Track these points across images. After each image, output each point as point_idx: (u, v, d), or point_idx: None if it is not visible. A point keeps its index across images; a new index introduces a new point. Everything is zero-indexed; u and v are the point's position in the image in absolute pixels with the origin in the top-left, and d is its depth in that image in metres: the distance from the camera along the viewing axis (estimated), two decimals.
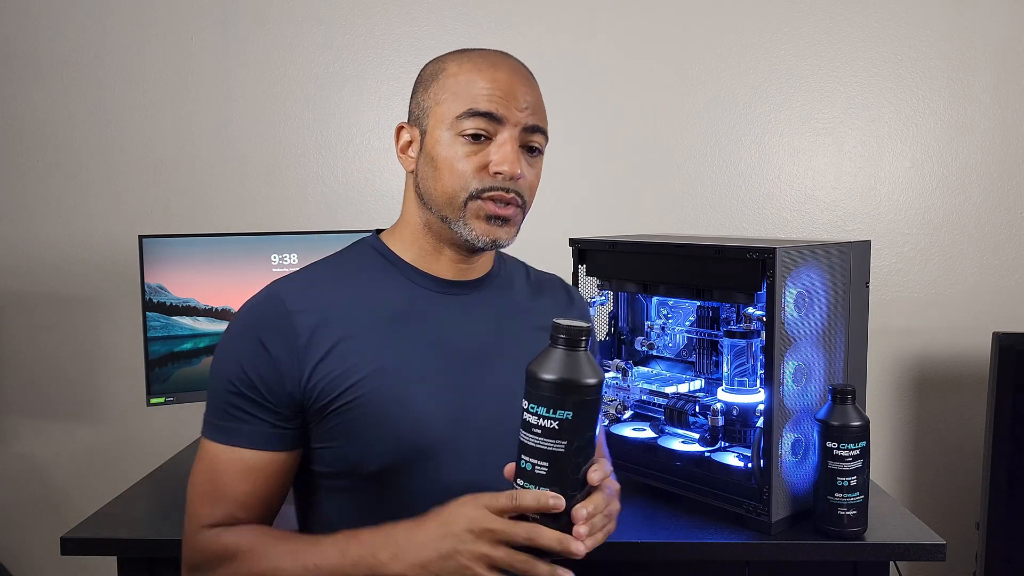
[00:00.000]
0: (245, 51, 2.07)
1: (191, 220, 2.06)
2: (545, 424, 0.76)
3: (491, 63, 0.96)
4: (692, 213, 2.08)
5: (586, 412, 0.76)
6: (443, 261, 1.00)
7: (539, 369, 0.77)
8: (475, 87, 0.94)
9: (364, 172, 2.10)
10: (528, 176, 0.97)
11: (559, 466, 0.76)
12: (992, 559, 1.76)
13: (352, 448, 0.93)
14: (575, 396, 0.76)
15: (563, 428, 0.76)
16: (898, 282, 2.07)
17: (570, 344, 0.77)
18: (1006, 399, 1.73)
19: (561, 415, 0.75)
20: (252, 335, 0.93)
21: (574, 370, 0.76)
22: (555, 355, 0.77)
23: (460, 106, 0.94)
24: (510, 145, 0.94)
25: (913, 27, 2.01)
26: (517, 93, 0.94)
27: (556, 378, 0.76)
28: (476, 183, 0.94)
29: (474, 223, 0.95)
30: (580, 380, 0.76)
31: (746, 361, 1.42)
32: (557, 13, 2.04)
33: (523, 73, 0.98)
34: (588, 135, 2.07)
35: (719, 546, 1.32)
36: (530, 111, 0.95)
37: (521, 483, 0.78)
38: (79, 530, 1.36)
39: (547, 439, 0.76)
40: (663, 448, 1.49)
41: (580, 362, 0.77)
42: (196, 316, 1.76)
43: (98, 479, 2.06)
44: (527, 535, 0.77)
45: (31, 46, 2.06)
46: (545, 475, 0.76)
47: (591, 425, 0.77)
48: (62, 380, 2.11)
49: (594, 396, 0.77)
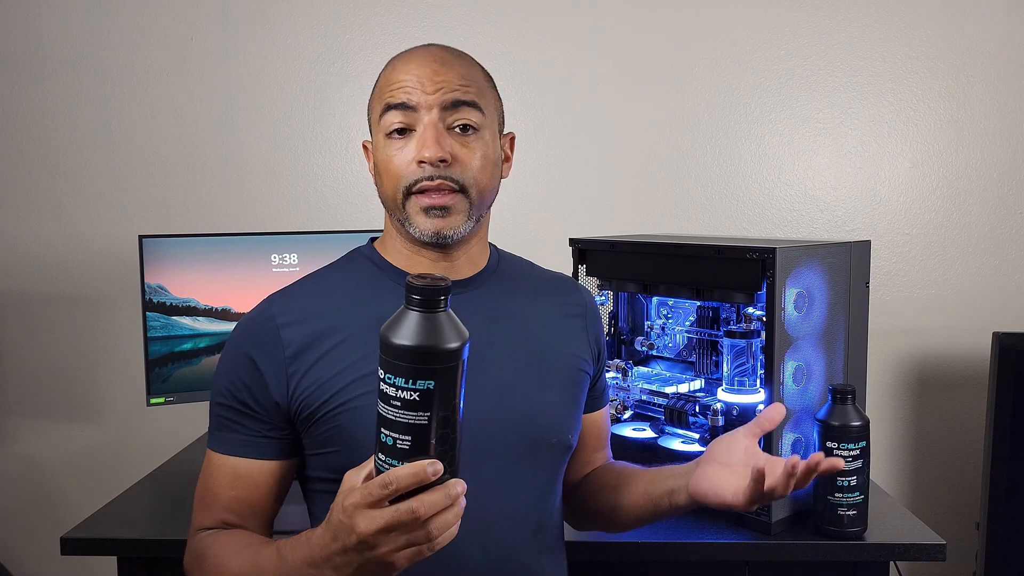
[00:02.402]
0: (245, 51, 2.07)
1: (191, 220, 2.06)
2: (404, 396, 0.68)
3: (407, 57, 0.96)
4: (692, 213, 2.08)
5: (449, 379, 0.69)
6: (423, 263, 1.00)
7: (392, 334, 0.68)
8: (389, 83, 0.95)
9: (364, 172, 2.09)
10: (464, 158, 0.93)
11: (423, 438, 0.69)
12: (992, 559, 1.76)
13: (341, 454, 0.93)
14: (435, 364, 0.68)
15: (424, 399, 0.68)
16: (898, 282, 2.07)
17: (426, 305, 0.68)
18: (1006, 399, 1.73)
19: (421, 385, 0.68)
20: (242, 350, 0.96)
21: (433, 335, 0.68)
22: (410, 318, 0.68)
23: (379, 106, 0.96)
24: (429, 130, 0.92)
25: (913, 27, 2.01)
26: (428, 76, 0.93)
27: (412, 345, 0.67)
28: (407, 178, 0.94)
29: (416, 220, 0.94)
30: (440, 346, 0.67)
31: (746, 361, 1.42)
32: (557, 13, 2.04)
33: (440, 56, 0.95)
34: (588, 135, 2.07)
35: (719, 546, 1.32)
36: (447, 89, 0.93)
37: (383, 457, 0.71)
38: (79, 530, 1.36)
39: (407, 411, 0.68)
40: (663, 448, 1.49)
41: (439, 325, 0.68)
42: (196, 316, 1.76)
43: (98, 479, 2.06)
44: (383, 491, 0.70)
45: (31, 46, 2.06)
46: (408, 449, 0.69)
47: (456, 391, 0.70)
48: (62, 380, 2.11)
49: (456, 361, 0.69)
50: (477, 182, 0.95)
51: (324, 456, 0.95)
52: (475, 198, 0.95)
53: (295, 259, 1.83)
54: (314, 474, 0.97)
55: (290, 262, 1.82)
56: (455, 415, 0.71)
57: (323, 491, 0.97)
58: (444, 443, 0.70)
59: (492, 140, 0.98)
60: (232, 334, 0.99)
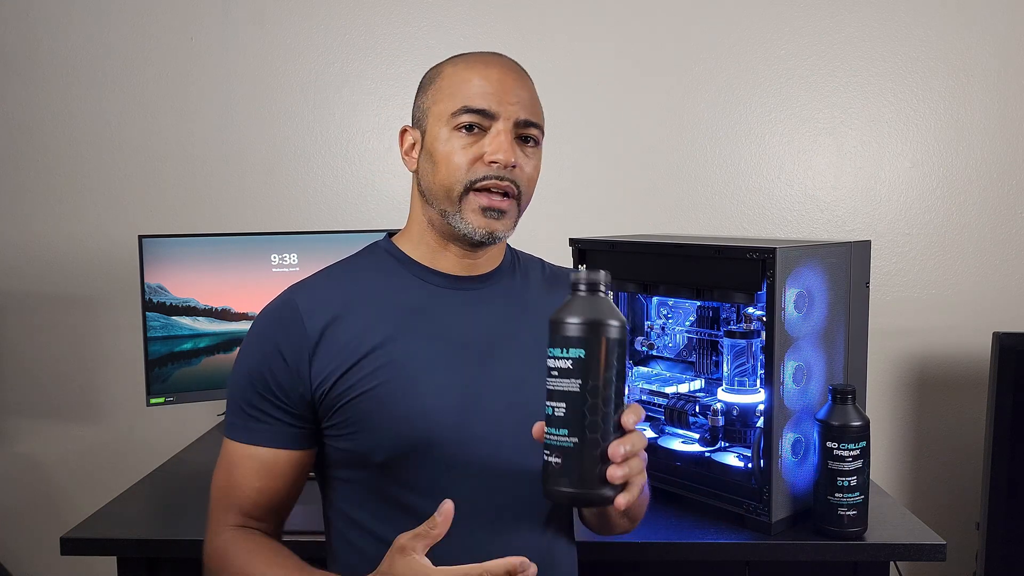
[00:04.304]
0: (245, 51, 2.07)
1: (191, 220, 2.06)
2: (560, 365, 0.78)
3: (484, 62, 1.01)
4: (692, 213, 2.08)
5: (599, 351, 0.77)
6: (449, 257, 1.03)
7: (555, 314, 0.80)
8: (468, 85, 0.98)
9: (364, 172, 2.10)
10: (525, 167, 0.99)
11: (574, 406, 0.77)
12: (992, 559, 1.76)
13: (361, 439, 0.96)
14: (586, 335, 0.77)
15: (576, 367, 0.77)
16: (898, 282, 2.07)
17: (586, 288, 0.80)
18: (1006, 399, 1.73)
19: (573, 353, 0.77)
20: (267, 339, 0.98)
21: (585, 311, 0.78)
22: (570, 301, 0.80)
23: (455, 103, 0.98)
24: (504, 136, 0.97)
25: (913, 27, 2.01)
26: (509, 89, 0.98)
27: (566, 318, 0.78)
28: (471, 174, 0.97)
29: (470, 217, 0.98)
30: (589, 318, 0.78)
31: (746, 361, 1.42)
32: (558, 14, 2.04)
33: (515, 71, 1.02)
34: (588, 135, 2.07)
35: (719, 546, 1.32)
36: (521, 105, 0.99)
37: (547, 430, 0.79)
38: (79, 530, 1.36)
39: (562, 379, 0.78)
40: (663, 448, 1.49)
41: (593, 304, 0.79)
42: (196, 316, 1.76)
43: (98, 479, 2.06)
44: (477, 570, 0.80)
45: (31, 46, 2.06)
46: (563, 416, 0.77)
47: (608, 367, 0.78)
48: (62, 380, 2.11)
49: (605, 335, 0.78)
50: (528, 190, 1.01)
51: (342, 442, 0.97)
52: (523, 205, 1.02)
53: (295, 259, 1.83)
54: (334, 461, 1.00)
55: (290, 262, 1.82)
56: (607, 389, 0.78)
57: (342, 479, 1.00)
58: (595, 413, 0.77)
59: (541, 154, 1.04)
60: (254, 325, 1.01)
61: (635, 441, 0.79)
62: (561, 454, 0.77)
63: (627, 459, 0.78)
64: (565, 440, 0.77)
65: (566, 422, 0.77)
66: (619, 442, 0.78)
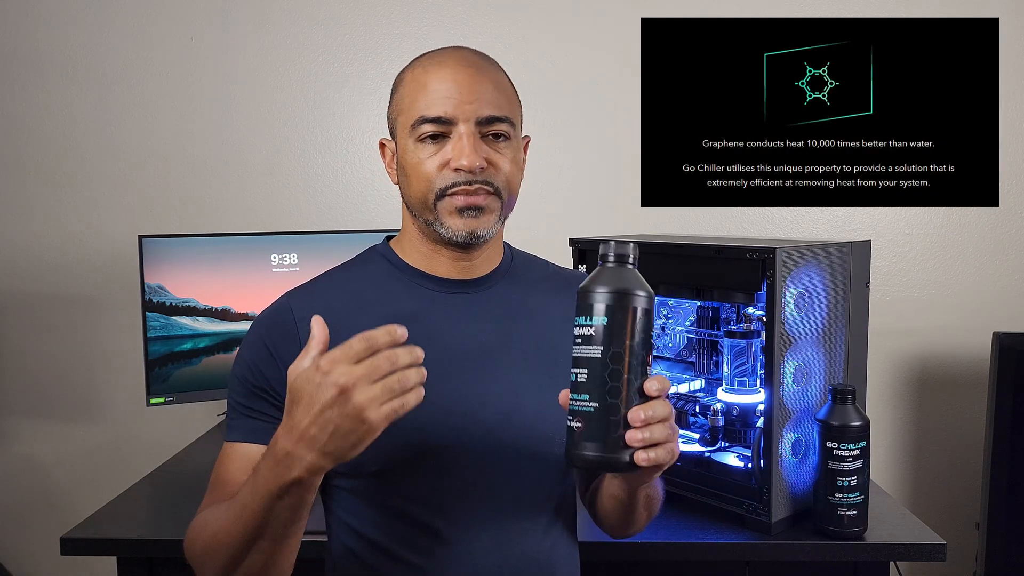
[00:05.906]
0: (245, 51, 2.07)
1: (191, 220, 2.06)
2: (584, 332, 0.80)
3: (439, 62, 0.98)
4: (692, 213, 2.08)
5: (621, 318, 0.79)
6: (442, 261, 1.02)
7: (581, 284, 0.82)
8: (424, 92, 0.96)
9: (364, 172, 2.09)
10: (500, 163, 0.97)
11: (596, 372, 0.79)
12: (992, 559, 1.76)
13: None
14: (607, 302, 0.79)
15: (597, 334, 0.79)
16: (898, 282, 2.07)
17: (614, 259, 0.82)
18: (1006, 399, 1.73)
19: (596, 321, 0.79)
20: (260, 340, 0.98)
21: (608, 280, 0.80)
22: (596, 271, 0.82)
23: (413, 114, 0.97)
24: (466, 139, 0.95)
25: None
26: (465, 87, 0.96)
27: (591, 288, 0.80)
28: (441, 181, 0.96)
29: (448, 220, 0.97)
30: (613, 288, 0.79)
31: (746, 361, 1.42)
32: (557, 13, 2.04)
33: (473, 64, 0.99)
34: (588, 135, 2.07)
35: (719, 546, 1.32)
36: (482, 102, 0.96)
37: (572, 396, 0.80)
38: (79, 530, 1.36)
39: (585, 346, 0.79)
40: None
41: (617, 274, 0.81)
42: (196, 316, 1.77)
43: (98, 479, 2.06)
44: (363, 344, 0.76)
45: (31, 46, 2.06)
46: (585, 382, 0.79)
47: (631, 335, 0.79)
48: (62, 380, 2.11)
49: (628, 304, 0.79)
50: (508, 185, 0.99)
51: None
52: (506, 200, 1.00)
53: (295, 259, 1.83)
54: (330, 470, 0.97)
55: (290, 262, 1.82)
56: (629, 356, 0.79)
57: (340, 487, 0.99)
58: (616, 379, 0.79)
59: (518, 145, 1.02)
60: (251, 327, 1.01)
61: (656, 408, 0.79)
62: (583, 419, 0.78)
63: (648, 424, 0.78)
64: (586, 405, 0.78)
65: (588, 388, 0.79)
66: (640, 407, 0.78)
